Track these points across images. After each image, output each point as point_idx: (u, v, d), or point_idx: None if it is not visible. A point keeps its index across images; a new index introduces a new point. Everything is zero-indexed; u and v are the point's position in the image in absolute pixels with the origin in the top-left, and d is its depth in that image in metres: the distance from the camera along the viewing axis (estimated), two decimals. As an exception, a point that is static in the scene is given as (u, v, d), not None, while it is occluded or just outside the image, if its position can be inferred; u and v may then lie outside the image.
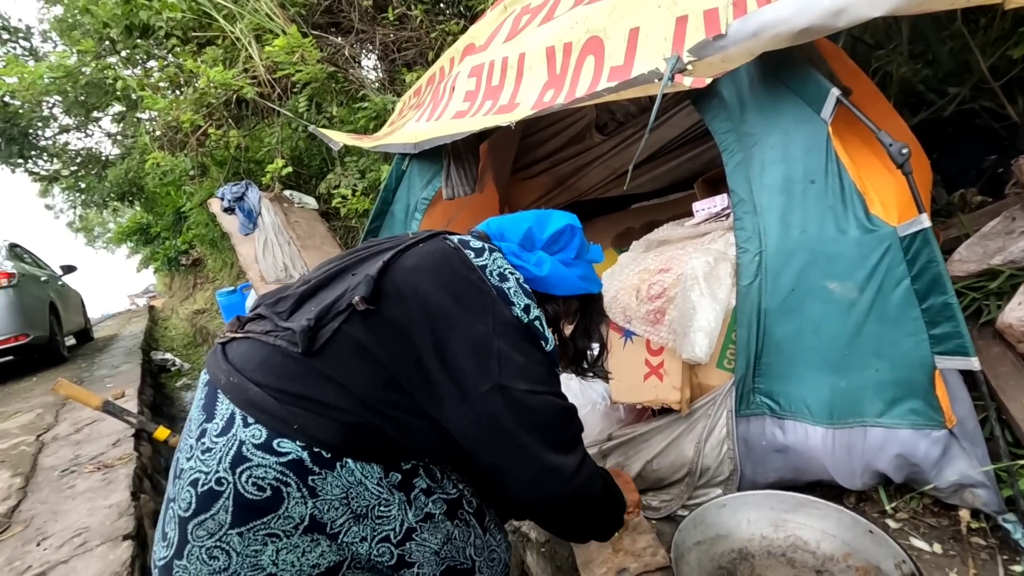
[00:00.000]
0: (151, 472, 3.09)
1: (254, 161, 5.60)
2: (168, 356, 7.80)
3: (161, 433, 2.46)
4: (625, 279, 1.70)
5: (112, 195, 8.32)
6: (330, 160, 5.04)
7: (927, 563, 1.21)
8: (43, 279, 6.58)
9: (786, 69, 1.40)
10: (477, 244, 1.02)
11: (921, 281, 1.22)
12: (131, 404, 3.99)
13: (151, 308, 16.38)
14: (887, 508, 1.36)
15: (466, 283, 0.94)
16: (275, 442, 0.83)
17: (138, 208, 11.17)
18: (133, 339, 8.50)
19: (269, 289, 1.34)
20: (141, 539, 2.17)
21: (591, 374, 1.32)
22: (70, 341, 8.19)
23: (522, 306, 0.96)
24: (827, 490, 1.42)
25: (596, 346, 1.28)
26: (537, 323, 0.97)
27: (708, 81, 1.46)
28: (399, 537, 0.92)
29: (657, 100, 1.37)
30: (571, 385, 1.90)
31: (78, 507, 2.45)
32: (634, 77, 1.49)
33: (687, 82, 1.44)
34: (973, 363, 1.18)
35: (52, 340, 6.20)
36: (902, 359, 1.27)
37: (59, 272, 7.70)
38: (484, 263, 0.98)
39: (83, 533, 2.19)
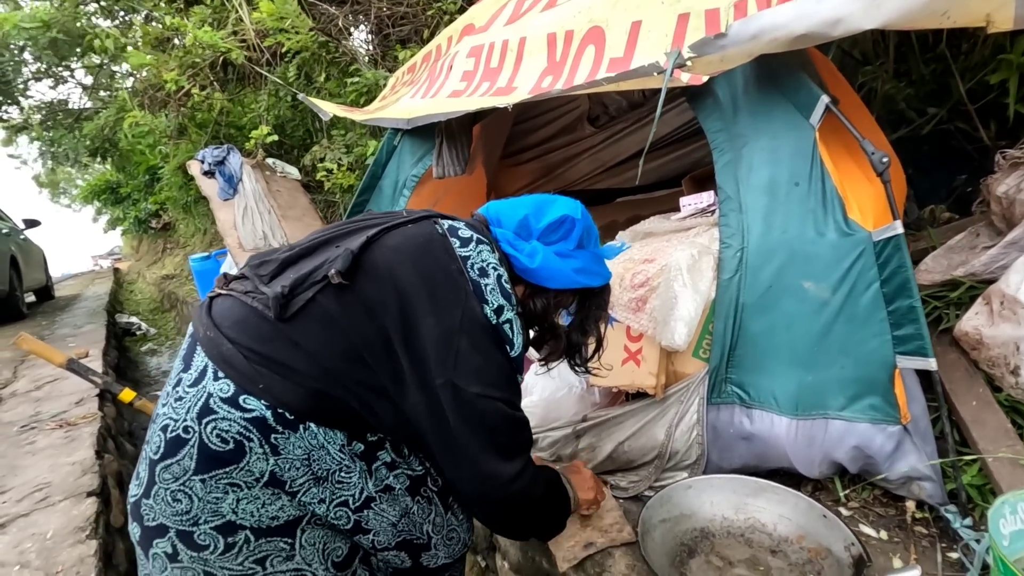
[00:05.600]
0: (115, 433, 3.04)
1: (235, 126, 5.46)
2: (134, 320, 7.60)
3: (127, 395, 2.41)
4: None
5: (85, 149, 8.00)
6: (314, 132, 4.95)
7: (873, 547, 1.29)
8: (4, 231, 6.33)
9: (780, 74, 1.45)
10: (466, 233, 1.01)
11: (890, 285, 1.29)
12: (95, 365, 3.89)
13: (116, 271, 15.87)
14: (840, 496, 1.44)
15: (444, 273, 0.94)
16: (241, 398, 0.85)
17: (110, 166, 10.75)
18: (97, 300, 8.24)
19: (246, 256, 1.34)
20: (105, 497, 2.14)
21: (582, 369, 1.31)
22: (30, 298, 7.90)
23: (495, 306, 0.95)
24: (787, 477, 1.49)
25: (592, 340, 1.26)
26: (507, 326, 0.97)
27: (705, 79, 1.50)
28: (357, 504, 0.93)
29: (662, 92, 1.41)
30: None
31: (39, 463, 2.40)
32: (633, 69, 1.52)
33: (684, 78, 1.47)
34: (931, 364, 1.26)
35: (11, 295, 5.99)
36: (866, 357, 1.34)
37: (21, 226, 7.40)
38: (467, 254, 0.98)
39: (44, 488, 2.15)
